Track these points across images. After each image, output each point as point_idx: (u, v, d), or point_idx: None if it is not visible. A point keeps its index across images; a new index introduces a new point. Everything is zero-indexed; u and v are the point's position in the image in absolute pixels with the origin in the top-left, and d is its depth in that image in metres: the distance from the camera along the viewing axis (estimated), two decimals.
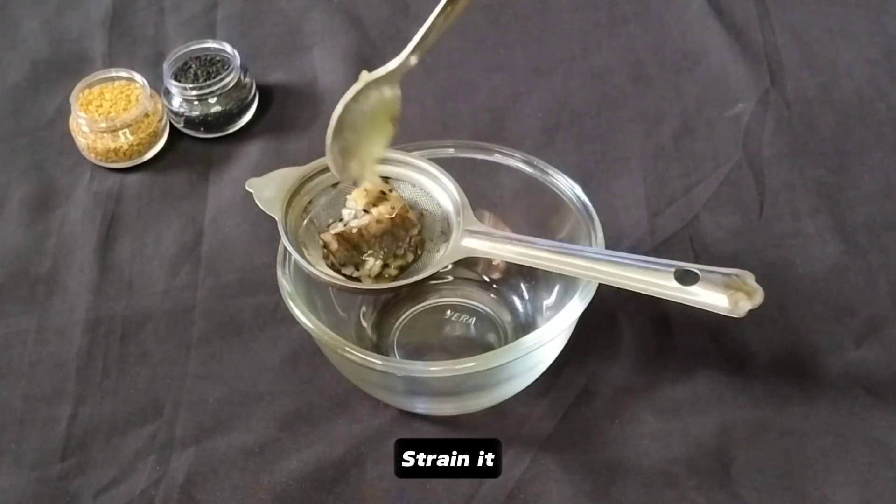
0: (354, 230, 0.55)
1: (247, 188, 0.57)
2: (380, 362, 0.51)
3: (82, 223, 0.71)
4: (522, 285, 0.63)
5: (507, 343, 0.58)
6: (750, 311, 0.48)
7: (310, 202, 0.57)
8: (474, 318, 0.63)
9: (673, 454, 0.57)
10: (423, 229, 0.56)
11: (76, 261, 0.69)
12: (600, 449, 0.57)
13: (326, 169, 0.57)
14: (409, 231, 0.55)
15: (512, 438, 0.58)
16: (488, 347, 0.60)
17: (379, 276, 0.55)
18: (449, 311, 0.63)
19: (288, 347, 0.63)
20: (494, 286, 0.64)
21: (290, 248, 0.54)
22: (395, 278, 0.55)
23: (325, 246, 0.55)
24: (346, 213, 0.57)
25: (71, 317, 0.65)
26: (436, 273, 0.54)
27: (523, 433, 0.58)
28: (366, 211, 0.56)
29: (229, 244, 0.69)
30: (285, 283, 0.55)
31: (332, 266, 0.55)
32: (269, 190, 0.56)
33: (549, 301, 0.61)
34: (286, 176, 0.57)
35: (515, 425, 0.58)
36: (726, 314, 0.48)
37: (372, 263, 0.55)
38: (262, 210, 0.56)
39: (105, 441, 0.59)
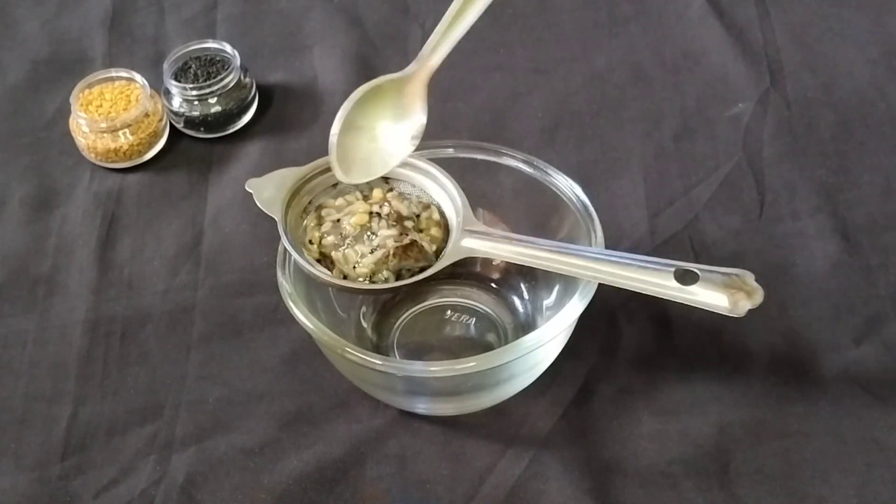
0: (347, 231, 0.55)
1: (247, 188, 0.57)
2: (380, 362, 0.51)
3: (82, 223, 0.71)
4: (522, 285, 0.63)
5: (507, 343, 0.58)
6: (750, 310, 0.48)
7: (310, 202, 0.57)
8: (474, 318, 0.63)
9: (671, 454, 0.56)
10: (421, 227, 0.56)
11: (76, 261, 0.69)
12: (599, 448, 0.57)
13: (326, 169, 0.57)
14: (405, 224, 0.55)
15: (512, 437, 0.58)
16: (488, 347, 0.60)
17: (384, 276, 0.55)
18: (449, 311, 0.63)
19: (288, 347, 0.63)
20: (494, 286, 0.64)
21: (290, 249, 0.54)
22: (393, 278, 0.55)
23: (327, 256, 0.56)
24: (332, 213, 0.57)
25: (71, 317, 0.65)
26: (436, 273, 0.54)
27: (523, 432, 0.58)
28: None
29: (229, 244, 0.69)
30: (285, 284, 0.55)
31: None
32: (269, 190, 0.56)
33: (549, 301, 0.61)
34: (286, 176, 0.57)
35: (515, 425, 0.58)
36: (726, 314, 0.48)
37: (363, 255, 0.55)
38: (262, 210, 0.56)
39: (105, 441, 0.59)
